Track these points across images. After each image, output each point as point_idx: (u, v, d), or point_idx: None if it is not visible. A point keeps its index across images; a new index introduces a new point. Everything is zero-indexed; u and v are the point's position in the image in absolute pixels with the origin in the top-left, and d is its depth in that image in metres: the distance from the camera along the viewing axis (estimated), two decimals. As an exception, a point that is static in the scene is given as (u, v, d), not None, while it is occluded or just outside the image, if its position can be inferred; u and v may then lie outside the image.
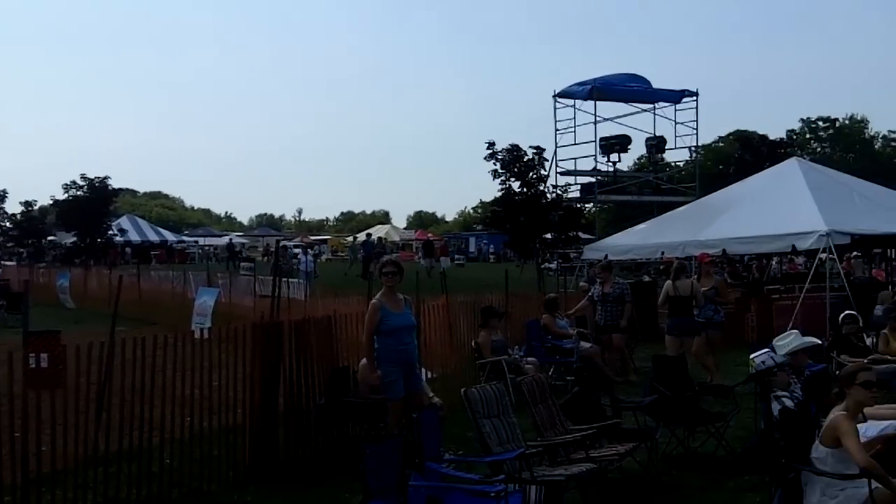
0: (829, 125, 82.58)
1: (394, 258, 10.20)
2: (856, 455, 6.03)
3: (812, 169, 23.64)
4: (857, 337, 12.71)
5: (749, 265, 33.14)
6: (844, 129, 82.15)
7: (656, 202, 30.38)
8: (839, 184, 22.53)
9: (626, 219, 35.31)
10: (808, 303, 18.58)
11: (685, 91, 30.67)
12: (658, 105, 31.34)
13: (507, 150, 28.74)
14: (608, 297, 15.26)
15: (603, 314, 15.32)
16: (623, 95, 30.66)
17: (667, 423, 9.52)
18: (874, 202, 21.09)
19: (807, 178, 21.25)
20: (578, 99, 30.03)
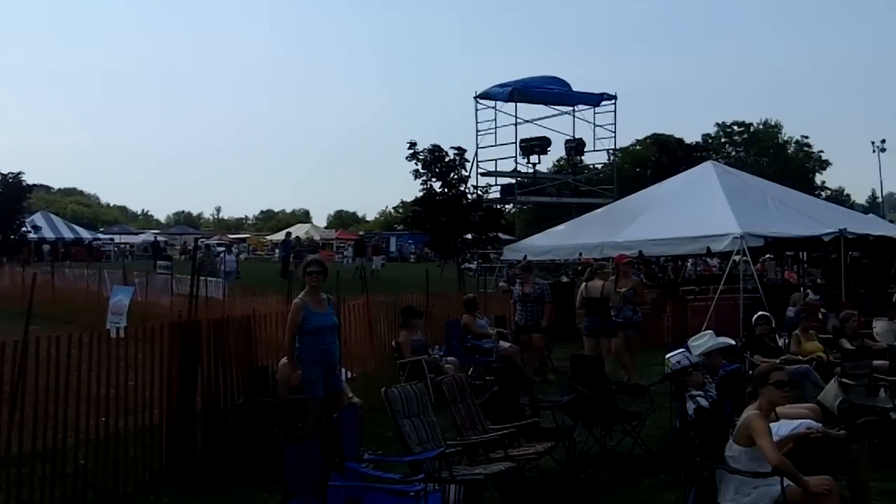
0: (744, 130, 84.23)
1: (318, 258, 10.14)
2: (769, 453, 6.16)
3: (727, 173, 24.17)
4: (770, 338, 12.94)
5: (665, 267, 33.64)
6: (758, 133, 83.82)
7: (575, 204, 30.70)
8: (753, 187, 23.08)
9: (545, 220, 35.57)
10: (722, 304, 18.97)
11: (604, 94, 31.04)
12: (577, 108, 31.68)
13: (428, 151, 28.75)
14: (528, 298, 15.36)
15: (523, 314, 15.40)
16: (543, 98, 30.92)
17: (584, 422, 9.63)
18: (787, 206, 21.65)
19: (722, 181, 21.73)
20: (499, 101, 30.18)
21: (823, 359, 12.34)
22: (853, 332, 13.61)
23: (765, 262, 32.48)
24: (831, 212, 24.13)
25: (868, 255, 23.63)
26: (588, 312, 14.26)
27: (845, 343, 13.13)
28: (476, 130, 30.52)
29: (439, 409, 8.53)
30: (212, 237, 78.45)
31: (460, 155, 29.20)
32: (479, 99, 30.64)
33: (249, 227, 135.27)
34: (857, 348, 12.83)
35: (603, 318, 14.06)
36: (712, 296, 19.66)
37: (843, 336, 13.39)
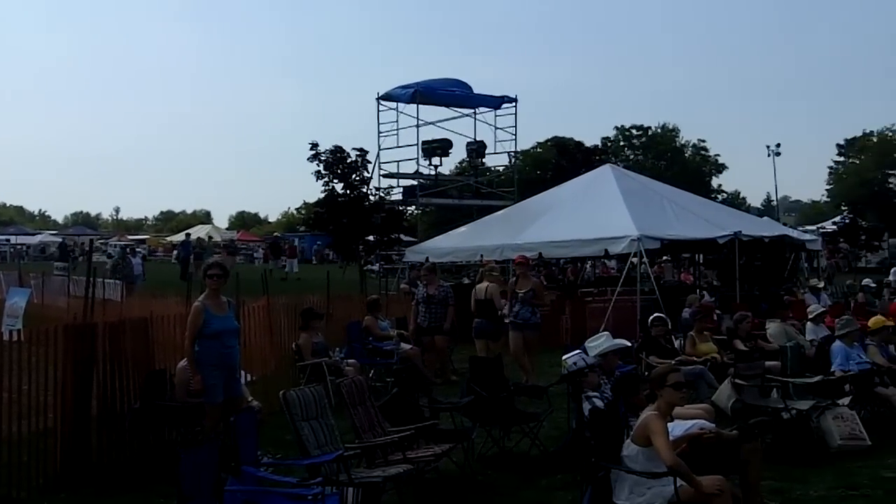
0: (643, 133, 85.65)
1: (219, 260, 10.01)
2: (664, 454, 6.29)
3: (625, 175, 24.58)
4: (666, 339, 13.15)
5: (565, 268, 34.06)
6: (657, 137, 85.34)
7: (476, 206, 30.84)
8: (650, 190, 23.49)
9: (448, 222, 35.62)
10: (620, 305, 19.27)
11: (505, 97, 31.19)
12: (479, 110, 31.77)
13: (330, 152, 28.53)
14: (433, 299, 15.41)
15: (427, 316, 15.43)
16: (445, 100, 30.92)
17: (483, 424, 9.69)
18: (683, 208, 22.09)
19: (619, 184, 22.07)
20: (401, 102, 30.09)
21: (717, 360, 12.59)
22: (747, 333, 13.91)
23: (662, 264, 33.10)
24: (726, 215, 24.73)
25: (762, 257, 24.27)
26: (476, 315, 14.41)
27: (739, 344, 13.41)
28: (378, 132, 30.42)
29: (339, 412, 8.48)
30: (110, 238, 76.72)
31: (362, 156, 29.02)
32: (381, 100, 30.52)
33: (149, 228, 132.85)
34: (750, 349, 13.13)
35: (489, 320, 14.20)
36: (610, 297, 19.96)
37: (736, 337, 13.65)
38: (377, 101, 30.58)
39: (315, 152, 28.09)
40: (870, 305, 19.61)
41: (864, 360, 11.48)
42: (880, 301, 20.87)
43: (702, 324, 13.55)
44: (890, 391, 11.16)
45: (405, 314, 18.15)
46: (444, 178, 32.26)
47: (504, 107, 31.36)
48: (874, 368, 11.47)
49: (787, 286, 21.41)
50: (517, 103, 30.99)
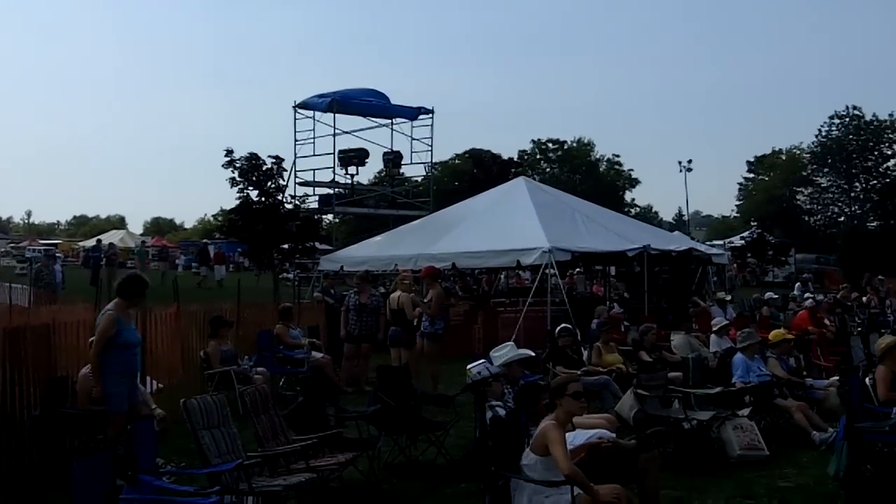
0: (559, 147, 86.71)
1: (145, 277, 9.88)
2: (561, 463, 6.35)
3: (538, 188, 24.86)
4: (573, 349, 13.36)
5: (479, 279, 34.23)
6: (572, 151, 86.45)
7: (392, 215, 30.86)
8: (562, 203, 23.78)
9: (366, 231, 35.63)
10: (531, 316, 19.47)
11: (421, 108, 31.30)
12: (395, 121, 31.85)
13: (245, 159, 28.29)
14: (365, 308, 15.42)
15: (358, 324, 15.42)
16: (362, 109, 30.93)
17: (389, 433, 9.71)
18: (594, 222, 22.41)
19: (532, 196, 22.31)
20: (318, 111, 30.01)
21: (622, 370, 12.82)
22: (651, 344, 14.15)
23: (574, 276, 33.49)
24: (636, 228, 25.14)
25: (670, 270, 24.71)
26: (392, 323, 14.48)
27: (644, 355, 13.61)
28: (294, 140, 30.29)
29: (245, 420, 8.44)
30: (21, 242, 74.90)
31: (278, 164, 28.84)
32: (297, 108, 30.41)
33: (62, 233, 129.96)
34: (654, 360, 13.37)
35: (402, 329, 14.27)
36: (522, 308, 20.15)
37: (642, 348, 13.88)
38: (294, 110, 30.47)
39: (230, 159, 27.83)
40: (774, 319, 20.09)
41: (764, 372, 11.77)
42: (785, 315, 21.39)
43: (608, 335, 13.80)
44: (788, 402, 11.45)
45: (318, 323, 18.11)
46: (360, 187, 32.22)
47: (421, 118, 31.49)
48: (774, 380, 11.75)
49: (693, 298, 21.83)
50: (434, 115, 31.17)
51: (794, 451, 10.54)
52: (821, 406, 11.79)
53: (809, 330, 17.06)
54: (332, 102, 29.21)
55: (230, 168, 27.88)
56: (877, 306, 25.47)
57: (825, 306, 21.16)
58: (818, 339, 16.21)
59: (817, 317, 18.43)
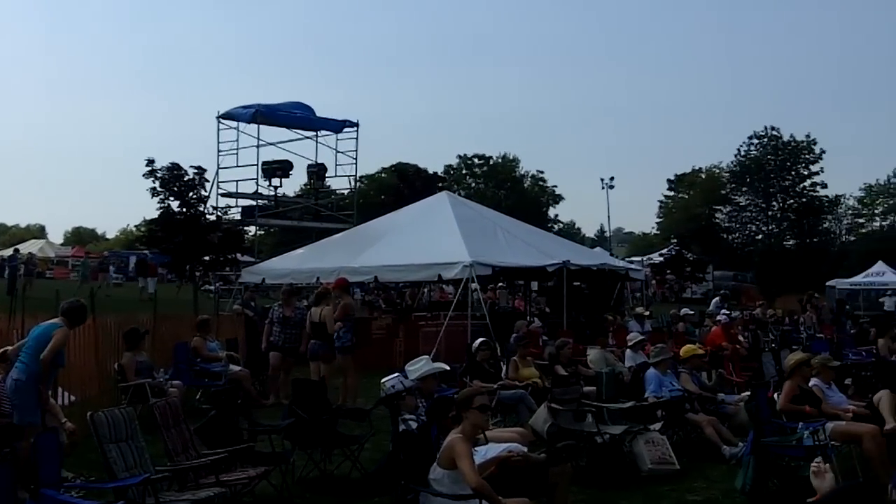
0: (484, 163, 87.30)
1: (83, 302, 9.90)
2: (468, 476, 6.38)
3: (460, 203, 25.03)
4: (490, 363, 13.43)
5: (403, 292, 34.29)
6: (497, 167, 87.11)
7: (316, 228, 30.77)
8: (485, 218, 23.99)
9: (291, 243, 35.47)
10: (452, 330, 19.54)
11: (347, 121, 31.26)
12: (320, 133, 31.78)
13: (167, 169, 28.07)
14: (289, 321, 15.31)
15: (282, 336, 15.30)
16: (286, 121, 30.78)
17: (303, 446, 9.67)
18: (516, 237, 22.64)
19: (455, 211, 22.46)
20: (242, 122, 29.78)
21: (538, 384, 12.90)
22: (568, 358, 14.30)
23: (496, 291, 33.71)
24: (557, 244, 25.44)
25: (590, 285, 25.02)
26: (311, 336, 14.44)
27: (559, 369, 13.77)
28: (217, 151, 30.03)
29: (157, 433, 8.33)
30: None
31: (200, 174, 28.72)
32: (221, 119, 30.16)
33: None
34: (569, 374, 13.52)
35: (322, 343, 14.25)
36: (443, 321, 20.23)
37: (558, 362, 14.03)
38: (217, 120, 30.21)
39: (151, 169, 27.59)
40: (689, 334, 20.46)
41: (676, 387, 11.96)
42: (700, 331, 21.77)
43: (525, 349, 13.91)
44: (700, 417, 11.63)
45: (236, 335, 17.96)
46: (284, 199, 32.06)
47: (346, 131, 31.45)
48: (685, 395, 11.95)
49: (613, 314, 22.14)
50: (359, 128, 31.16)
51: (705, 464, 10.69)
52: (731, 421, 11.98)
53: (723, 346, 17.39)
54: (256, 113, 29.04)
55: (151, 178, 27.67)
56: (789, 323, 26.10)
57: (739, 322, 21.60)
58: (731, 354, 16.52)
59: (731, 333, 18.77)
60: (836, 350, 17.02)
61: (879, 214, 78.75)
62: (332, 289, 15.30)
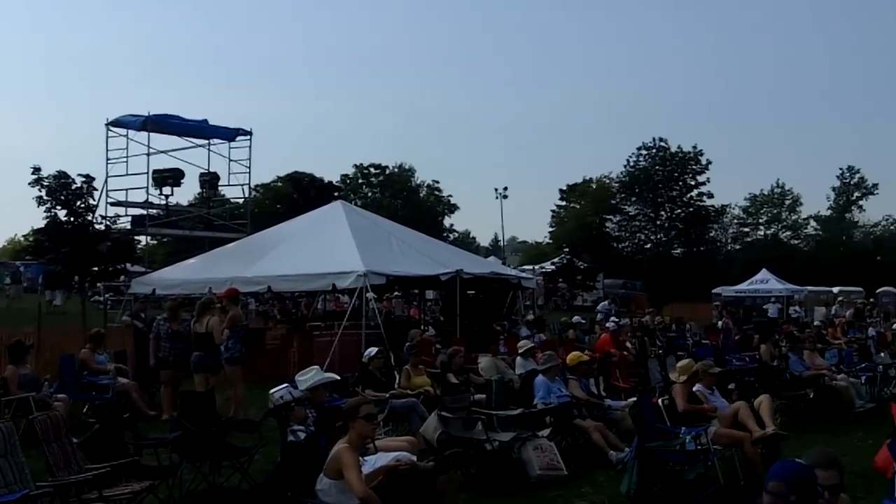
0: (380, 172, 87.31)
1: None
2: (354, 486, 6.42)
3: (354, 212, 25.06)
4: (383, 372, 13.48)
5: (298, 302, 34.09)
6: (393, 176, 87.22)
7: (208, 238, 30.40)
8: (379, 228, 24.07)
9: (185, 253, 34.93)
10: (346, 339, 19.50)
11: (240, 130, 31.05)
12: (213, 142, 31.45)
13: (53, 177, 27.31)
14: (179, 335, 14.99)
15: (172, 352, 14.97)
16: (178, 129, 30.40)
17: (192, 459, 9.57)
18: (410, 246, 22.76)
19: (349, 220, 22.49)
20: (132, 129, 29.33)
21: (430, 393, 13.00)
22: (459, 367, 14.43)
23: (392, 300, 33.82)
24: (451, 253, 25.68)
25: (483, 294, 25.29)
26: (195, 348, 14.27)
27: (451, 377, 13.88)
28: (107, 159, 29.47)
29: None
30: None
31: (88, 183, 28.02)
32: (110, 126, 29.61)
33: None
34: (460, 382, 13.64)
35: (208, 354, 14.10)
36: (337, 331, 20.19)
37: (449, 371, 14.13)
38: (106, 128, 29.65)
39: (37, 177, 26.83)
40: (579, 342, 20.83)
41: (564, 394, 12.18)
42: (590, 338, 22.19)
43: (417, 358, 14.00)
44: (587, 423, 11.84)
45: (125, 347, 17.63)
46: (176, 208, 31.65)
47: (239, 139, 31.26)
48: (573, 401, 12.19)
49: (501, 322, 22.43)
50: (252, 136, 30.96)
51: (592, 470, 10.90)
52: (618, 426, 12.25)
53: (611, 352, 17.75)
54: (146, 121, 28.63)
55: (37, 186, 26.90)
56: (676, 330, 26.79)
57: (627, 329, 22.08)
58: (619, 361, 16.88)
59: (619, 340, 19.19)
60: (721, 356, 17.48)
61: (763, 224, 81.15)
62: (220, 298, 15.14)
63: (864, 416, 14.97)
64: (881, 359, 19.87)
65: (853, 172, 77.66)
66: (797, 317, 37.27)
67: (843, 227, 76.26)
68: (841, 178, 78.01)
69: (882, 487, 7.23)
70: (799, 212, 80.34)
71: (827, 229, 76.84)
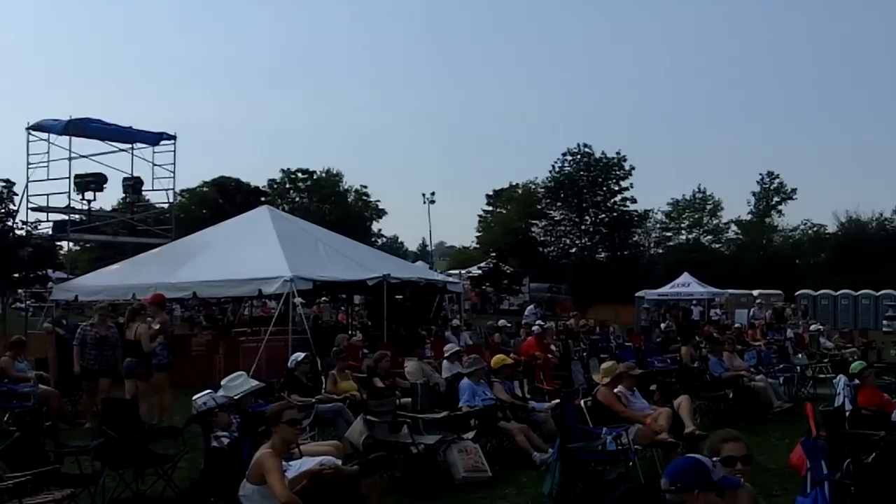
0: (308, 177, 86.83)
1: None
2: (277, 491, 6.42)
3: (281, 217, 24.98)
4: (308, 377, 13.48)
5: (225, 308, 33.84)
6: (321, 181, 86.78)
7: (132, 243, 29.97)
8: (306, 233, 24.03)
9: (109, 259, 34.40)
10: (272, 345, 19.43)
11: (163, 134, 30.65)
12: (136, 146, 31.03)
13: (-29, 183, 26.86)
14: (106, 342, 14.75)
15: (99, 359, 14.71)
16: (100, 133, 29.87)
17: (114, 467, 9.49)
18: (337, 251, 22.77)
19: (275, 225, 22.41)
20: (53, 133, 28.78)
21: (356, 397, 13.05)
22: (386, 371, 14.52)
23: (321, 305, 33.76)
24: (378, 258, 25.71)
25: (411, 298, 25.38)
26: (127, 354, 14.14)
27: (377, 382, 13.96)
28: (27, 163, 28.90)
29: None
30: None
31: (8, 188, 27.61)
32: (31, 130, 29.04)
33: None
34: (386, 386, 13.73)
35: (138, 360, 13.97)
36: (264, 337, 20.11)
37: (376, 375, 14.22)
38: (27, 132, 29.09)
39: (-47, 182, 26.34)
40: (505, 345, 21.04)
41: (489, 396, 12.33)
42: (515, 341, 22.40)
43: (344, 362, 14.04)
44: (511, 425, 12.03)
45: (46, 354, 17.36)
46: (100, 213, 31.16)
47: (163, 143, 30.85)
48: (498, 404, 12.35)
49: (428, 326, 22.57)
50: (176, 141, 30.61)
51: (516, 471, 11.08)
52: (542, 428, 12.43)
53: (536, 355, 17.97)
54: (68, 125, 28.12)
55: (-44, 192, 26.43)
56: (600, 333, 27.17)
57: (551, 332, 22.37)
58: (543, 363, 17.11)
59: (544, 343, 19.42)
60: (642, 358, 17.81)
61: (685, 228, 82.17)
62: (146, 303, 15.00)
63: (782, 416, 15.37)
64: (799, 360, 20.44)
65: (773, 178, 78.92)
66: (718, 319, 37.94)
67: (762, 231, 77.50)
68: (761, 184, 79.26)
69: (797, 484, 7.47)
70: (720, 216, 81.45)
71: (747, 233, 78.06)
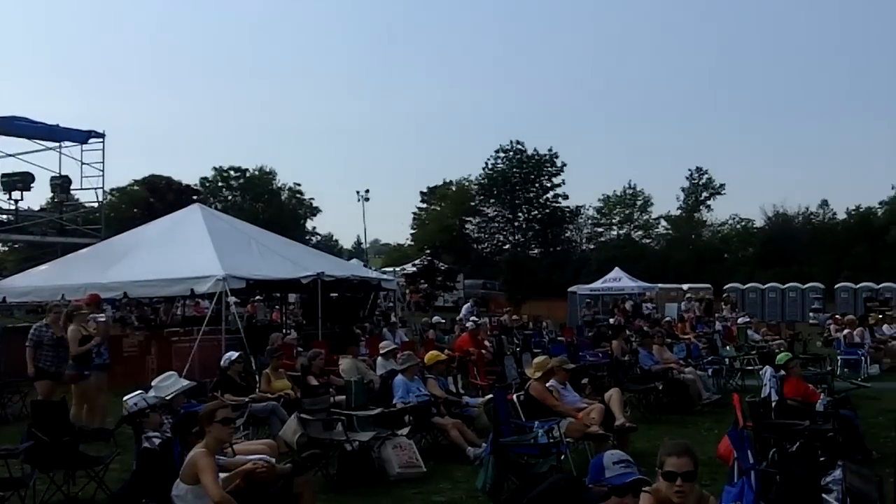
0: (241, 175, 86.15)
1: None
2: (210, 490, 6.43)
3: (213, 216, 24.72)
4: (242, 377, 13.42)
5: (157, 308, 33.48)
6: (254, 179, 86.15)
7: (61, 243, 29.50)
8: (239, 231, 23.87)
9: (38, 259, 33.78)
10: (205, 345, 19.25)
11: (92, 132, 30.20)
12: (64, 144, 30.55)
13: None
14: (63, 342, 14.45)
15: (55, 360, 14.36)
16: (26, 131, 29.32)
17: (45, 469, 9.39)
18: (270, 249, 22.66)
19: (207, 224, 22.20)
20: (-22, 132, 28.30)
21: (290, 396, 13.04)
22: (320, 369, 14.48)
23: (255, 304, 33.57)
24: (313, 256, 25.65)
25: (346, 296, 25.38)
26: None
27: (312, 380, 13.93)
28: (-50, 163, 28.36)
29: None
30: None
31: (-68, 189, 27.06)
32: (-47, 129, 28.48)
33: None
34: (320, 384, 13.73)
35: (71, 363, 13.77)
36: (196, 336, 19.96)
37: (310, 373, 14.18)
38: (-51, 130, 28.50)
39: None
40: (439, 341, 21.15)
41: (423, 393, 12.43)
42: (450, 337, 22.53)
43: (278, 361, 14.01)
44: (445, 420, 12.13)
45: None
46: (27, 213, 30.65)
47: (92, 142, 30.37)
48: (432, 400, 12.45)
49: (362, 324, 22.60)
50: (105, 139, 30.20)
51: (450, 466, 11.20)
52: (475, 423, 12.56)
53: (470, 351, 18.10)
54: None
55: None
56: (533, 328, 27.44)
57: (485, 328, 22.53)
58: (477, 359, 17.24)
59: (477, 339, 19.57)
60: (574, 352, 18.02)
61: (616, 224, 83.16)
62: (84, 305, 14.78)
63: (711, 408, 15.70)
64: (727, 352, 20.87)
65: (701, 173, 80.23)
66: (649, 313, 38.54)
67: (692, 226, 78.79)
68: (690, 179, 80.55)
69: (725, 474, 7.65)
70: (650, 212, 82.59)
71: (677, 228, 79.29)
